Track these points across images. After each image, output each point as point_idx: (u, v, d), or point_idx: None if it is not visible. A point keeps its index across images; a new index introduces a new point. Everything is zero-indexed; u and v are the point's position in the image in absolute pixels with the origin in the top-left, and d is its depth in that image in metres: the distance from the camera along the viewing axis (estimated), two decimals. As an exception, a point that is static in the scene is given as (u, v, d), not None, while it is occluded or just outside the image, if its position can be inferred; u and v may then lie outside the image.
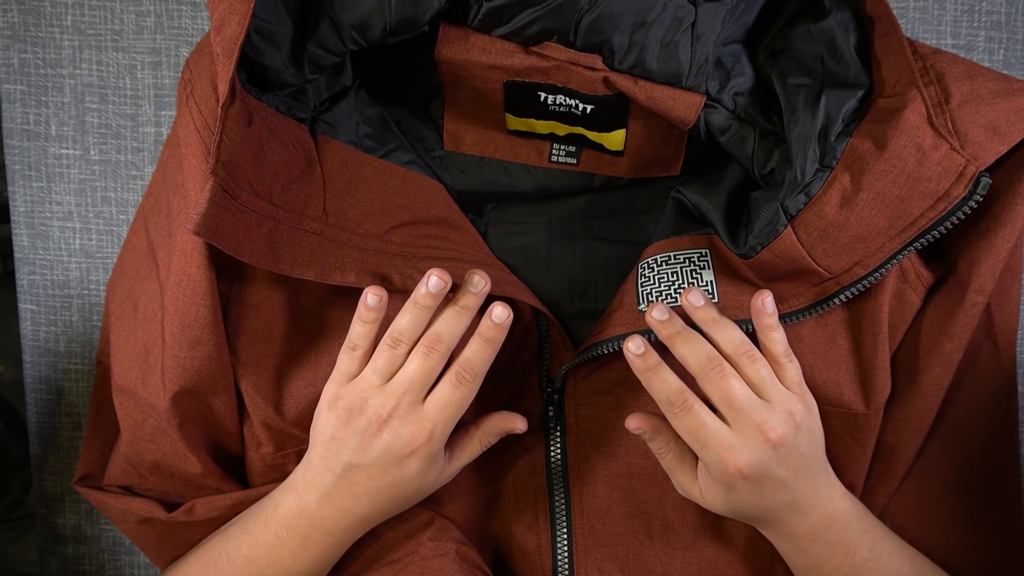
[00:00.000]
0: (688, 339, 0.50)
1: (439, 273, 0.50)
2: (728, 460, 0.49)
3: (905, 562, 0.55)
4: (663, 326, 0.51)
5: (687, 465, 0.53)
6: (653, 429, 0.53)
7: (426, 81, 0.56)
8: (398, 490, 0.52)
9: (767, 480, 0.50)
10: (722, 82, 0.53)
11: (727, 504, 0.52)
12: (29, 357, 0.74)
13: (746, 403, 0.49)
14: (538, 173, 0.58)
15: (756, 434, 0.49)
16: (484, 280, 0.51)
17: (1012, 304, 0.56)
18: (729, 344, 0.50)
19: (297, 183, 0.52)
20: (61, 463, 0.75)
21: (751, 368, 0.50)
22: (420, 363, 0.50)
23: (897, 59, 0.50)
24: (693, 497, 0.53)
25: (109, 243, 0.73)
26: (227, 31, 0.48)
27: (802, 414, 0.51)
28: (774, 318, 0.51)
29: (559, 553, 0.58)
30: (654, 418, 0.53)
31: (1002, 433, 0.58)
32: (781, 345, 0.51)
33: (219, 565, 0.56)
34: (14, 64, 0.71)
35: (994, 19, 0.70)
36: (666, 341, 0.51)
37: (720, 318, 0.51)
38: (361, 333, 0.51)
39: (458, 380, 0.50)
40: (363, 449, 0.50)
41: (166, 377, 0.53)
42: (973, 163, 0.47)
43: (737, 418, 0.49)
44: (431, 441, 0.50)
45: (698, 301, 0.51)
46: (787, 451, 0.50)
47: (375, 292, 0.50)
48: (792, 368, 0.51)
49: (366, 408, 0.50)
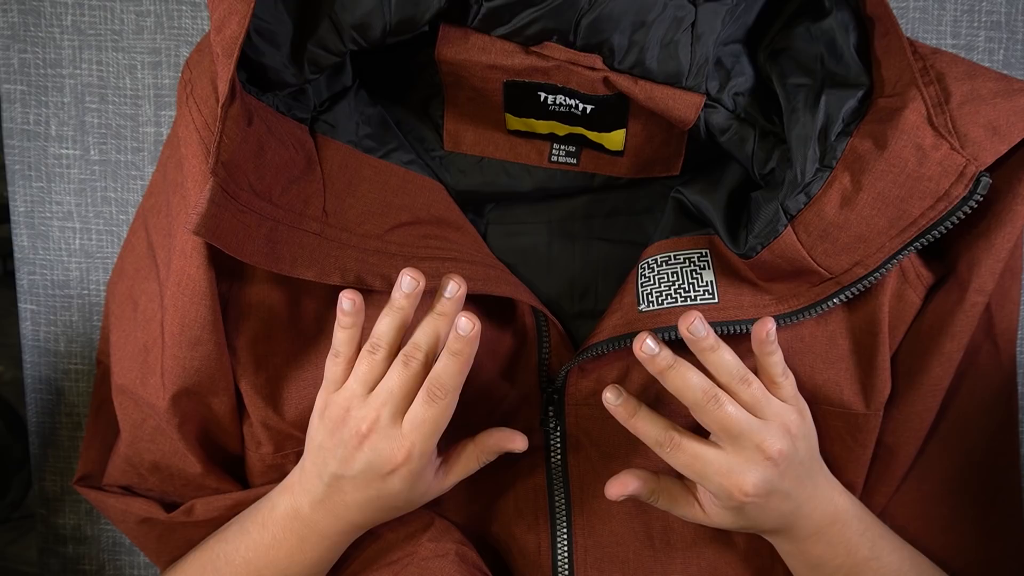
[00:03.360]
0: (682, 373, 0.49)
1: (411, 273, 0.49)
2: (732, 486, 0.49)
3: (905, 561, 0.55)
4: (655, 361, 0.49)
5: (681, 499, 0.54)
6: (634, 490, 0.53)
7: (426, 81, 0.56)
8: (386, 502, 0.52)
9: (773, 496, 0.50)
10: (722, 82, 0.53)
11: (736, 524, 0.52)
12: (29, 357, 0.74)
13: (745, 427, 0.49)
14: (538, 173, 0.58)
15: (757, 454, 0.49)
16: (459, 285, 0.49)
17: (1012, 304, 0.56)
18: (724, 372, 0.50)
19: (297, 183, 0.52)
20: (61, 463, 0.75)
21: (746, 392, 0.50)
22: (398, 374, 0.49)
23: (897, 59, 0.50)
24: (700, 521, 0.54)
25: (109, 243, 0.73)
26: (227, 31, 0.48)
27: (797, 424, 0.51)
28: (775, 344, 0.50)
29: (559, 553, 0.58)
30: (629, 477, 0.53)
31: (1002, 433, 0.58)
32: (779, 366, 0.51)
33: (217, 566, 0.56)
34: (14, 64, 0.71)
35: (994, 19, 0.70)
36: (658, 375, 0.49)
37: (718, 343, 0.50)
38: (341, 339, 0.50)
39: (429, 397, 0.49)
40: (347, 462, 0.50)
41: (166, 377, 0.53)
42: (973, 163, 0.47)
43: (737, 443, 0.49)
44: (410, 459, 0.49)
45: (700, 331, 0.49)
46: (787, 463, 0.50)
47: (349, 296, 0.49)
48: (787, 384, 0.51)
49: (348, 420, 0.50)
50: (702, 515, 0.53)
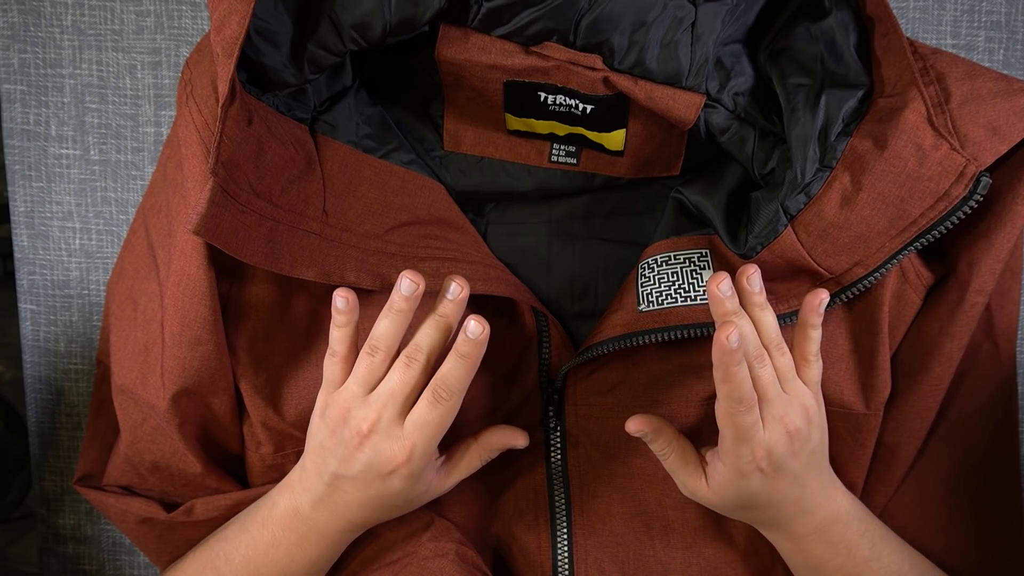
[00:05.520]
0: (741, 323, 0.48)
1: (411, 275, 0.48)
2: (753, 446, 0.49)
3: (905, 561, 0.55)
4: (723, 303, 0.48)
5: (691, 464, 0.53)
6: (654, 431, 0.53)
7: (426, 81, 0.56)
8: (386, 502, 0.52)
9: (781, 473, 0.50)
10: (722, 82, 0.53)
11: (737, 498, 0.51)
12: (29, 357, 0.74)
13: (773, 394, 0.49)
14: (538, 173, 0.58)
15: (778, 425, 0.49)
16: (461, 287, 0.49)
17: (1012, 304, 0.56)
18: (767, 332, 0.50)
19: (297, 183, 0.52)
20: (61, 463, 0.75)
21: (780, 360, 0.50)
22: (400, 375, 0.49)
23: (897, 59, 0.50)
24: (699, 496, 0.53)
25: (109, 243, 0.73)
26: (227, 31, 0.48)
27: (815, 410, 0.51)
28: (820, 319, 0.50)
29: (559, 553, 0.58)
30: (655, 419, 0.53)
31: (1002, 433, 0.58)
32: (815, 344, 0.51)
33: (217, 565, 0.56)
34: (14, 64, 0.71)
35: (994, 19, 0.70)
36: (721, 316, 0.48)
37: (767, 305, 0.50)
38: (337, 338, 0.50)
39: (435, 398, 0.49)
40: (347, 461, 0.50)
41: (166, 377, 0.53)
42: (973, 163, 0.47)
43: (764, 408, 0.49)
44: (411, 460, 0.50)
45: (756, 285, 0.49)
46: (801, 444, 0.50)
47: (342, 295, 0.49)
48: (816, 367, 0.51)
49: (349, 420, 0.50)
50: (704, 489, 0.52)
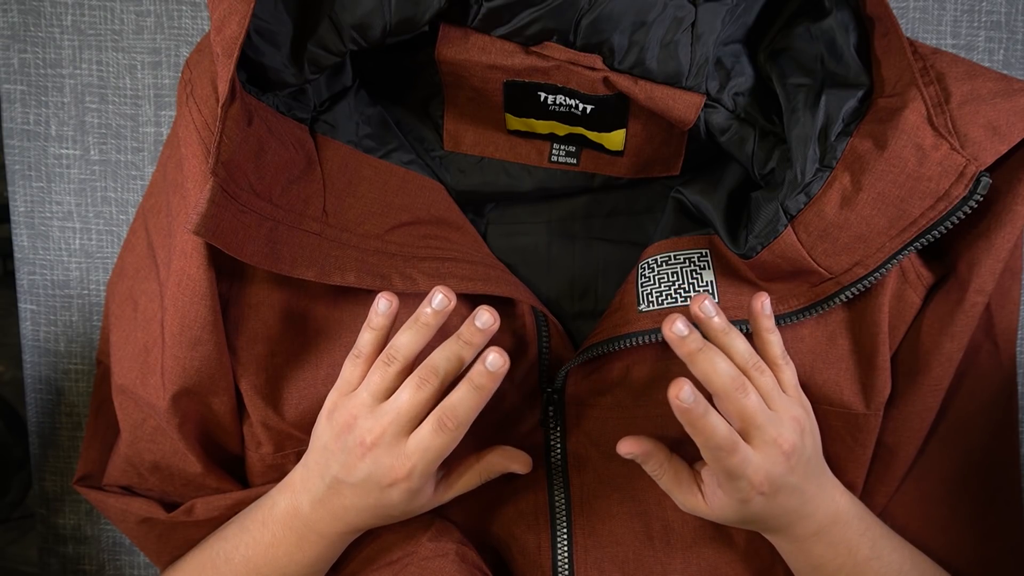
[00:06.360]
0: (710, 357, 0.47)
1: (444, 291, 0.48)
2: (750, 479, 0.48)
3: (905, 560, 0.55)
4: (684, 343, 0.47)
5: (684, 483, 0.53)
6: (645, 453, 0.52)
7: (426, 81, 0.56)
8: (384, 511, 0.52)
9: (781, 491, 0.50)
10: (722, 82, 0.53)
11: (739, 517, 0.51)
12: (29, 357, 0.74)
13: (763, 419, 0.48)
14: (538, 173, 0.58)
15: (773, 449, 0.48)
16: (493, 319, 0.48)
17: (1012, 304, 0.56)
18: (740, 356, 0.49)
19: (297, 183, 0.52)
20: (61, 463, 0.75)
21: (761, 380, 0.49)
22: (410, 395, 0.49)
23: (897, 59, 0.50)
24: (699, 512, 0.53)
25: (109, 243, 0.73)
26: (227, 31, 0.48)
27: (804, 418, 0.50)
28: (772, 320, 0.50)
29: (559, 553, 0.58)
30: (645, 441, 0.52)
31: (1002, 433, 0.58)
32: (778, 347, 0.50)
33: (217, 564, 0.56)
34: (14, 64, 0.71)
35: (994, 19, 0.70)
36: (686, 358, 0.47)
37: (730, 327, 0.49)
38: (367, 340, 0.50)
39: (439, 427, 0.48)
40: (348, 468, 0.50)
41: (166, 377, 0.53)
42: (973, 163, 0.47)
43: (756, 435, 0.48)
44: (410, 478, 0.49)
45: (711, 312, 0.48)
46: (797, 458, 0.49)
47: (387, 298, 0.49)
48: (789, 371, 0.51)
49: (354, 428, 0.50)
50: (702, 506, 0.52)
